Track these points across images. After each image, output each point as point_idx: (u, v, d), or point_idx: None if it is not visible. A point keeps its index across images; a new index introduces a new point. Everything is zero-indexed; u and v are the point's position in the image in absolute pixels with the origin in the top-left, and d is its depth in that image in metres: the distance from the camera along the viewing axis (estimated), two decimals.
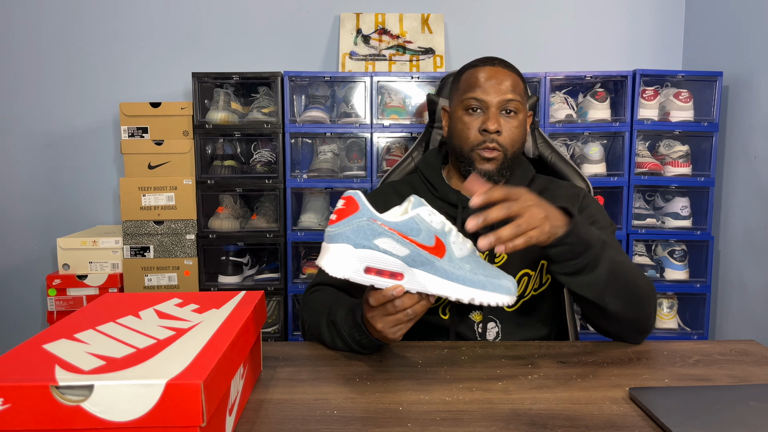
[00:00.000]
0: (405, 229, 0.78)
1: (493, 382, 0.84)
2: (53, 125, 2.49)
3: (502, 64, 1.15)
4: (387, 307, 0.83)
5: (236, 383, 0.72)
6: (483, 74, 1.13)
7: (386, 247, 0.77)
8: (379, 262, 0.78)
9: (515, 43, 2.50)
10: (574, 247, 0.89)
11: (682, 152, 2.21)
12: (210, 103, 2.25)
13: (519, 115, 1.13)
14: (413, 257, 0.78)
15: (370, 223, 0.77)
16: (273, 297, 2.25)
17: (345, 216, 0.78)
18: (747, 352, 0.98)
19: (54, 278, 2.17)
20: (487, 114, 1.11)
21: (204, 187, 2.21)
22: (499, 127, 1.10)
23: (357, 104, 2.25)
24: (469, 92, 1.13)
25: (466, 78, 1.15)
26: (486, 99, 1.11)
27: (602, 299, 0.94)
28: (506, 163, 1.13)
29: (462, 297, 0.80)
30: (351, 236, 0.77)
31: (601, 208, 1.18)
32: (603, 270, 0.92)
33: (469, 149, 1.13)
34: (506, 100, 1.11)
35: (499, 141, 1.11)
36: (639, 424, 0.72)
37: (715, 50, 2.31)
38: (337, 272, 0.78)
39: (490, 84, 1.11)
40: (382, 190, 1.26)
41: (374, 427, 0.71)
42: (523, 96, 1.15)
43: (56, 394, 0.56)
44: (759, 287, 2.05)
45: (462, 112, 1.14)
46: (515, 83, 1.13)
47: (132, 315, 0.77)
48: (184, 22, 2.47)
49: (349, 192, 0.79)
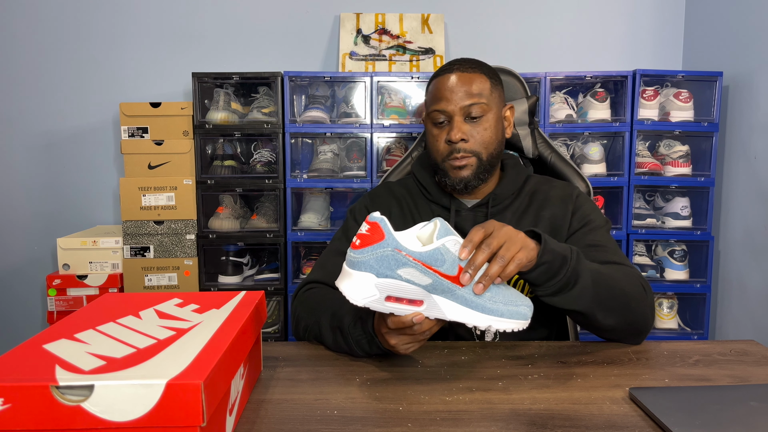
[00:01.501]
0: (429, 260, 0.77)
1: (493, 382, 0.84)
2: (53, 125, 2.49)
3: (461, 68, 1.13)
4: (404, 329, 0.83)
5: (236, 383, 0.72)
6: (443, 84, 1.12)
7: (409, 277, 0.77)
8: (401, 291, 0.78)
9: (515, 43, 2.50)
10: (552, 263, 0.88)
11: (682, 152, 2.21)
12: (210, 103, 2.25)
13: (487, 115, 1.11)
14: (434, 286, 0.78)
15: (394, 253, 0.76)
16: (273, 297, 2.25)
17: (369, 243, 0.76)
18: (747, 352, 0.98)
19: (54, 278, 2.17)
20: (451, 124, 1.11)
21: (204, 187, 2.21)
22: (464, 135, 1.09)
23: (357, 104, 2.25)
24: (433, 104, 1.13)
25: (431, 90, 1.15)
26: (447, 109, 1.10)
27: (593, 311, 0.94)
28: (483, 167, 1.12)
29: (480, 324, 0.80)
30: (374, 265, 0.76)
31: (595, 207, 1.18)
32: (586, 280, 0.92)
33: (441, 161, 1.13)
34: (467, 106, 1.09)
35: (468, 148, 1.10)
36: (639, 424, 0.72)
37: (715, 50, 2.31)
38: (357, 301, 0.77)
39: (450, 92, 1.10)
40: (378, 191, 1.26)
41: (374, 427, 0.71)
42: (491, 94, 1.12)
43: (56, 394, 0.56)
44: (759, 287, 2.05)
45: (431, 126, 1.15)
46: (478, 84, 1.11)
47: (132, 315, 0.78)
48: (184, 22, 2.47)
49: (374, 216, 0.78)
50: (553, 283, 0.90)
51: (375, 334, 0.90)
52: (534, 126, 1.39)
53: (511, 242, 0.82)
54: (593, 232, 1.11)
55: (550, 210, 1.15)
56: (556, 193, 1.18)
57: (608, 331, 0.99)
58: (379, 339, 0.89)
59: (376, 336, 0.90)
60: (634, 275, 1.02)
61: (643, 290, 1.00)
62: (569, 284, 0.91)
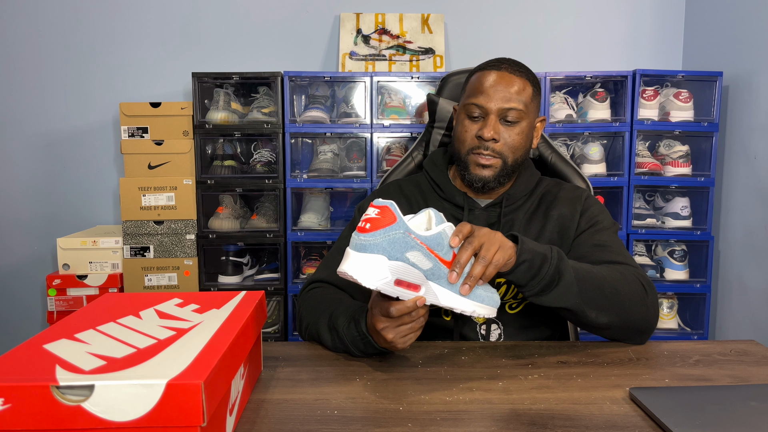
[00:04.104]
0: (433, 244, 0.80)
1: (493, 382, 0.84)
2: (53, 125, 2.49)
3: (509, 69, 1.12)
4: (403, 317, 0.83)
5: (236, 383, 0.72)
6: (487, 79, 1.11)
7: (414, 261, 0.79)
8: (408, 275, 0.79)
9: (515, 43, 2.50)
10: (532, 261, 0.90)
11: (682, 152, 2.21)
12: (210, 103, 2.25)
13: (522, 122, 1.11)
14: (433, 271, 0.80)
15: (405, 236, 0.77)
16: (273, 297, 2.25)
17: (380, 226, 0.77)
18: (747, 352, 0.98)
19: (54, 278, 2.17)
20: (486, 120, 1.10)
21: (204, 187, 2.21)
22: (496, 135, 1.09)
23: (357, 104, 2.25)
24: (471, 97, 1.12)
25: (473, 81, 1.15)
26: (486, 106, 1.10)
27: (581, 309, 0.94)
28: (506, 171, 1.13)
29: (466, 309, 0.83)
30: (387, 248, 0.77)
31: (603, 208, 1.18)
32: (569, 276, 0.93)
33: (465, 152, 1.13)
34: (506, 109, 1.09)
35: (496, 149, 1.11)
36: (639, 424, 0.72)
37: (715, 50, 2.31)
38: (370, 283, 0.77)
39: (493, 90, 1.10)
40: (387, 188, 1.25)
41: (374, 427, 0.71)
42: (530, 102, 1.12)
43: (57, 394, 0.56)
44: (759, 287, 2.05)
45: (464, 116, 1.14)
46: (521, 89, 1.11)
47: (132, 315, 0.78)
48: (184, 22, 2.47)
49: (382, 201, 0.79)
50: (536, 281, 0.91)
51: (369, 333, 0.90)
52: None
53: (489, 243, 0.84)
54: (600, 233, 1.12)
55: (558, 210, 1.15)
56: (565, 194, 1.18)
57: (605, 330, 1.00)
58: (374, 338, 0.89)
59: (370, 336, 0.90)
60: (633, 274, 1.01)
61: (642, 289, 1.00)
62: (553, 282, 0.92)
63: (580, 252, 1.09)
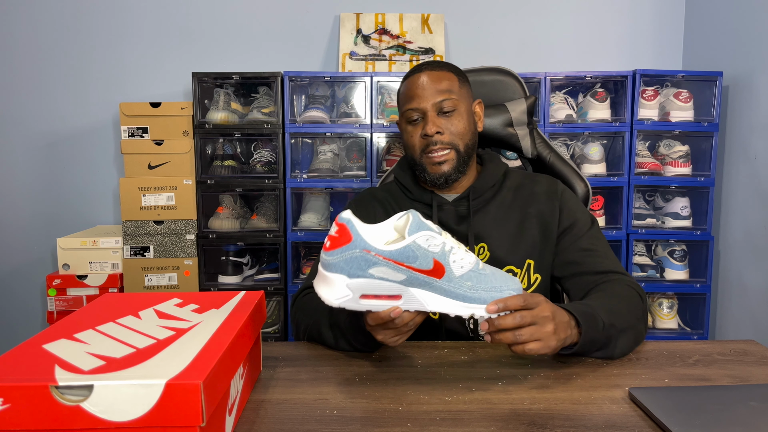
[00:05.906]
0: (400, 257, 0.76)
1: (493, 382, 0.84)
2: (53, 125, 2.49)
3: (430, 68, 1.18)
4: (387, 324, 0.83)
5: (236, 383, 0.72)
6: (414, 84, 1.16)
7: (381, 275, 0.77)
8: (375, 289, 0.77)
9: (515, 43, 2.50)
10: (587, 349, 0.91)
11: (682, 152, 2.21)
12: (210, 103, 2.25)
13: (459, 109, 1.15)
14: (410, 280, 0.78)
15: (363, 254, 0.76)
16: (273, 297, 2.25)
17: (338, 245, 0.76)
18: (747, 352, 0.98)
19: (54, 278, 2.17)
20: (425, 119, 1.15)
21: (204, 187, 2.21)
22: (438, 128, 1.13)
23: (357, 104, 2.25)
24: (406, 104, 1.17)
25: (402, 91, 1.20)
26: (420, 106, 1.14)
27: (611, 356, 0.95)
28: (461, 159, 1.16)
29: (462, 313, 0.80)
30: (345, 267, 0.76)
31: (578, 202, 1.20)
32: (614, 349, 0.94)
33: (418, 156, 1.17)
34: (439, 102, 1.14)
35: (444, 140, 1.14)
36: (639, 424, 0.72)
37: (715, 50, 2.31)
38: (331, 302, 0.78)
39: (422, 90, 1.15)
40: (362, 196, 1.28)
41: (374, 427, 0.71)
42: (459, 89, 1.16)
43: (56, 394, 0.56)
44: (759, 287, 2.05)
45: (405, 124, 1.19)
46: (447, 79, 1.16)
47: (132, 315, 0.78)
48: (184, 22, 2.47)
49: (342, 217, 0.77)
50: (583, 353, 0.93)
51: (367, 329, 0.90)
52: (533, 126, 1.39)
53: (538, 329, 0.81)
54: (585, 237, 1.14)
55: (537, 207, 1.17)
56: (541, 188, 1.20)
57: None
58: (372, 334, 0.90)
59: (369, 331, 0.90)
60: (630, 290, 1.03)
61: (640, 300, 1.03)
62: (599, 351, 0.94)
63: (568, 258, 1.12)
